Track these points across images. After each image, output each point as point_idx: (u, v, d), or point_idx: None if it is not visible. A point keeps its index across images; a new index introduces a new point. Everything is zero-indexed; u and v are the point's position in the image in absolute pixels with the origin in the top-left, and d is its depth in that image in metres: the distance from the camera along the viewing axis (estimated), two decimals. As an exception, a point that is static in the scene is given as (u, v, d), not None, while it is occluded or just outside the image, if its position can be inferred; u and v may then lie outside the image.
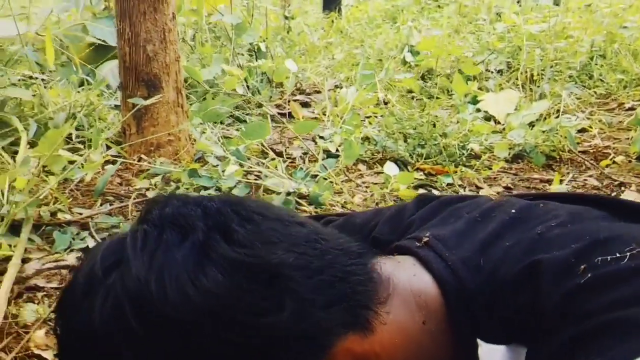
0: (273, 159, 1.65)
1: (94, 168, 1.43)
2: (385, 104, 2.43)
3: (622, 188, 1.74)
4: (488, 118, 2.42)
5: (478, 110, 2.46)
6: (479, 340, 0.57)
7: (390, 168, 1.66)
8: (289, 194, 1.46)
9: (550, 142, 2.01)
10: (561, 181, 1.76)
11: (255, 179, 1.53)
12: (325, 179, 1.56)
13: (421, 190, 1.74)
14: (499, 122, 2.36)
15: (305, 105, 2.65)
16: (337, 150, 1.91)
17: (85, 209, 1.39)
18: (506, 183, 1.87)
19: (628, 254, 0.53)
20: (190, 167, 1.48)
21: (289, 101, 2.46)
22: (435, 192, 1.74)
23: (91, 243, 1.25)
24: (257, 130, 1.65)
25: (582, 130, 2.23)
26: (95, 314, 0.52)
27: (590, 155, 2.04)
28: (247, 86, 2.45)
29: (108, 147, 1.65)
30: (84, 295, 0.54)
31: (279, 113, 2.48)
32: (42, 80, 1.95)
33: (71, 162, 1.58)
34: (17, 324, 0.97)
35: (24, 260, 1.14)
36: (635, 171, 1.90)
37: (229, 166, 1.49)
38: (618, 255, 0.53)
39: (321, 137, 2.05)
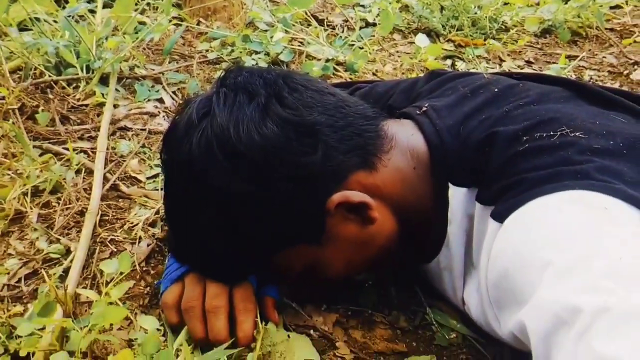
0: (315, 27, 1.83)
1: (163, 30, 1.66)
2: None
3: (635, 67, 1.87)
4: (527, -10, 2.47)
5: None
6: (449, 184, 0.83)
7: (421, 40, 1.83)
8: (327, 60, 1.67)
9: (578, 19, 2.11)
10: (574, 58, 1.90)
11: (299, 45, 1.73)
12: (361, 48, 1.75)
13: (448, 61, 1.91)
14: (537, -5, 2.43)
15: (350, -32, 2.73)
16: (374, 19, 2.07)
17: (156, 65, 1.64)
18: (529, 57, 2.00)
19: (559, 133, 0.75)
20: (243, 33, 1.69)
21: (334, -35, 2.56)
22: (462, 63, 1.91)
23: (164, 95, 1.51)
24: (302, -1, 1.82)
25: (616, 7, 2.29)
26: (193, 147, 0.77)
27: (617, 33, 2.14)
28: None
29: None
30: (184, 133, 0.79)
31: (324, -23, 2.59)
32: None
33: (140, 23, 1.81)
34: (116, 154, 1.27)
35: (114, 106, 1.42)
36: (655, 51, 2.00)
37: (277, 33, 1.69)
38: (552, 133, 0.75)
39: (361, 6, 2.19)
